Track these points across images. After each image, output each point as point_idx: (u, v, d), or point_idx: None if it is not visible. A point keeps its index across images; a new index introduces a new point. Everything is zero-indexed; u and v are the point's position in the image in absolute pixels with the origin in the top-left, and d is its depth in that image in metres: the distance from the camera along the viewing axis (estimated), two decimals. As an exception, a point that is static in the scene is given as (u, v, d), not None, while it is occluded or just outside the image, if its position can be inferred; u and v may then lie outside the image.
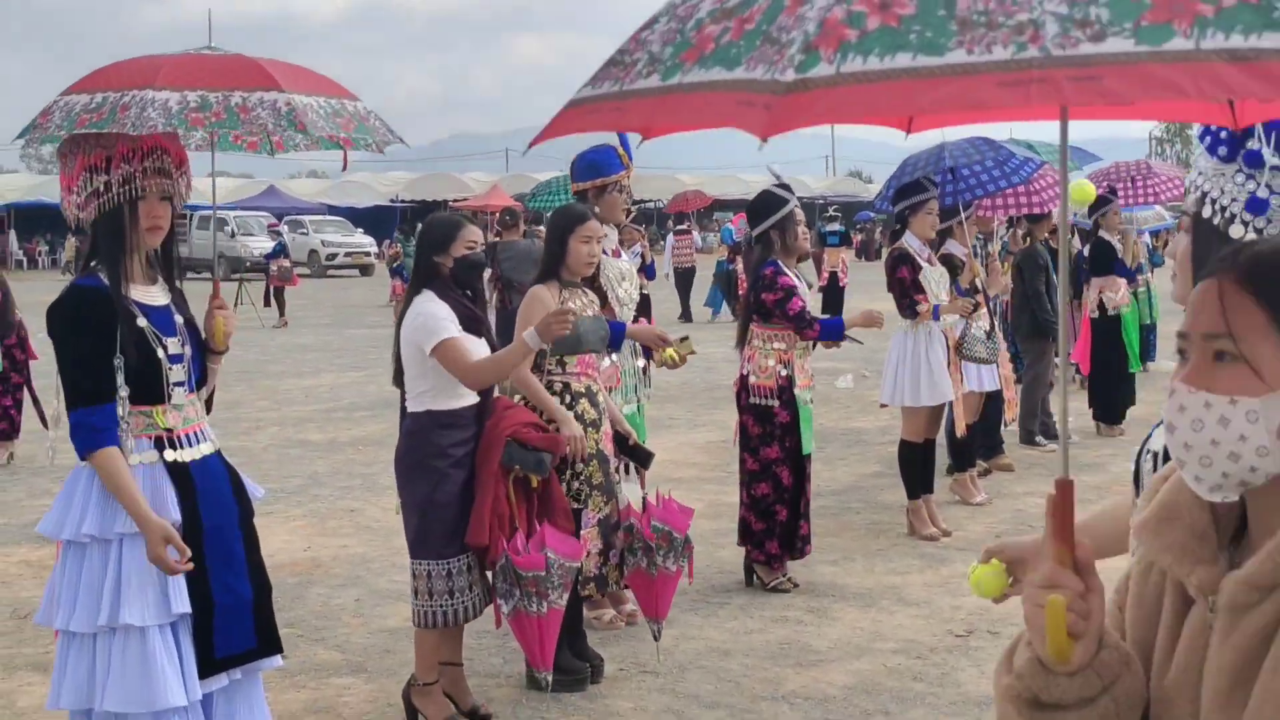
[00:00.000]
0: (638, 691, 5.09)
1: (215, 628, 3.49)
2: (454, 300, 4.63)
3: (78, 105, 3.50)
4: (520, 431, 4.65)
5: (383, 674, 5.32)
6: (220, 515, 3.58)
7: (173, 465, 3.51)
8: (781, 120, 1.22)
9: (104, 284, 3.46)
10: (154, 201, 3.51)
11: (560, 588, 4.57)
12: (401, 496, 4.73)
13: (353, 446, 10.68)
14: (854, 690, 5.06)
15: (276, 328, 22.01)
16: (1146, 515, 1.58)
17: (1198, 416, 1.43)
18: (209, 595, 3.49)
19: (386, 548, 7.25)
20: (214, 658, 3.50)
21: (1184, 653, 1.49)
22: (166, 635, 3.43)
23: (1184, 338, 1.49)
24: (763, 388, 6.43)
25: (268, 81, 3.58)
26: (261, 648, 3.63)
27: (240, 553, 3.61)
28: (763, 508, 6.43)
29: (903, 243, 7.58)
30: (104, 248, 3.49)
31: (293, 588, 6.56)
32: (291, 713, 4.86)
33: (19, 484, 9.29)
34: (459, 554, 4.58)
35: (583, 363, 5.19)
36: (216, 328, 3.73)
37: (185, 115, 3.42)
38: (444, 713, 4.68)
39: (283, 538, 7.62)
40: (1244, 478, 1.43)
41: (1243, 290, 1.44)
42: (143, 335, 3.46)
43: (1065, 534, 1.52)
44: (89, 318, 3.42)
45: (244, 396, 13.79)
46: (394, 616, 6.04)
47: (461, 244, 4.69)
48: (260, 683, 3.74)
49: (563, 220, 5.28)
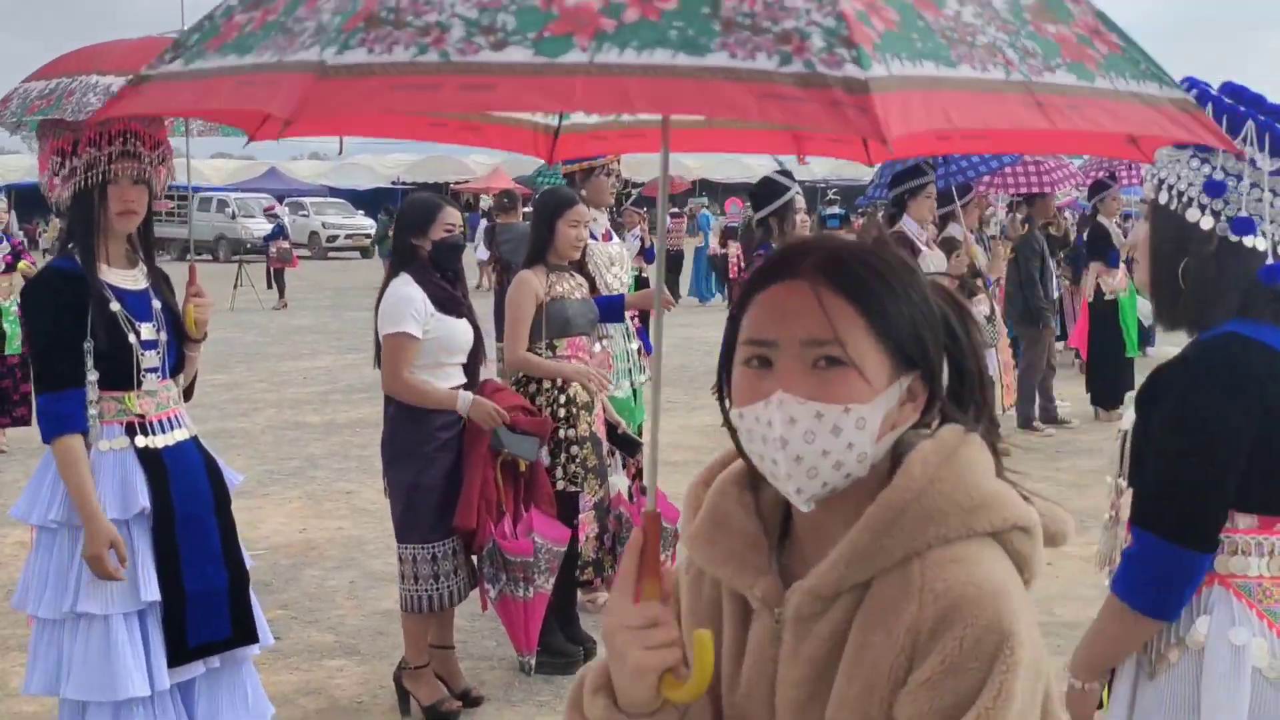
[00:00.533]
0: (630, 674, 5.08)
1: (188, 616, 3.45)
2: (431, 284, 4.60)
3: (33, 92, 3.50)
4: (509, 415, 4.64)
5: (375, 656, 5.32)
6: (194, 502, 3.53)
7: (144, 451, 3.47)
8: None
9: (78, 265, 3.42)
10: (126, 185, 3.44)
11: (547, 572, 4.57)
12: (388, 481, 4.72)
13: (350, 428, 10.67)
14: (846, 674, 5.05)
15: (276, 309, 21.98)
16: (696, 525, 1.49)
17: (810, 429, 1.33)
18: (180, 583, 3.45)
19: (381, 530, 7.24)
20: (187, 646, 3.46)
21: (752, 665, 1.43)
22: (132, 624, 3.40)
23: (768, 345, 1.36)
24: None
25: None
26: (238, 637, 3.59)
27: (215, 540, 3.57)
28: None
29: (901, 226, 7.55)
30: (76, 231, 3.47)
31: (287, 569, 6.56)
32: (283, 694, 4.85)
33: (15, 465, 9.29)
34: (444, 538, 4.58)
35: (573, 345, 5.17)
36: (188, 315, 3.67)
37: None
38: (435, 695, 4.68)
39: (278, 519, 7.62)
40: (837, 484, 1.36)
41: (836, 293, 1.35)
42: (114, 319, 3.42)
43: (655, 568, 1.41)
44: (60, 300, 3.38)
45: (242, 378, 13.78)
46: (388, 599, 6.03)
47: (440, 226, 4.66)
48: (246, 670, 3.70)
49: (550, 204, 5.26)
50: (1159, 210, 2.26)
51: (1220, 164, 2.18)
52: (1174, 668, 2.20)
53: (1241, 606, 2.18)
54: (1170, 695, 2.20)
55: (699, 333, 15.97)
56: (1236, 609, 2.18)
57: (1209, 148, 2.17)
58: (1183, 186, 2.21)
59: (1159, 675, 2.21)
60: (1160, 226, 2.25)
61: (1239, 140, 2.16)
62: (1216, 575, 2.20)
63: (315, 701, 4.84)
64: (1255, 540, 2.19)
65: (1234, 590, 2.19)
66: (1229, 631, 2.16)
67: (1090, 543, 2.62)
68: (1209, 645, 2.17)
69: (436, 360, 4.59)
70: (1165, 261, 2.24)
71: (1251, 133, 2.16)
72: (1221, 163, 2.18)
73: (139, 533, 3.44)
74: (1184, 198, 2.20)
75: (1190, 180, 2.20)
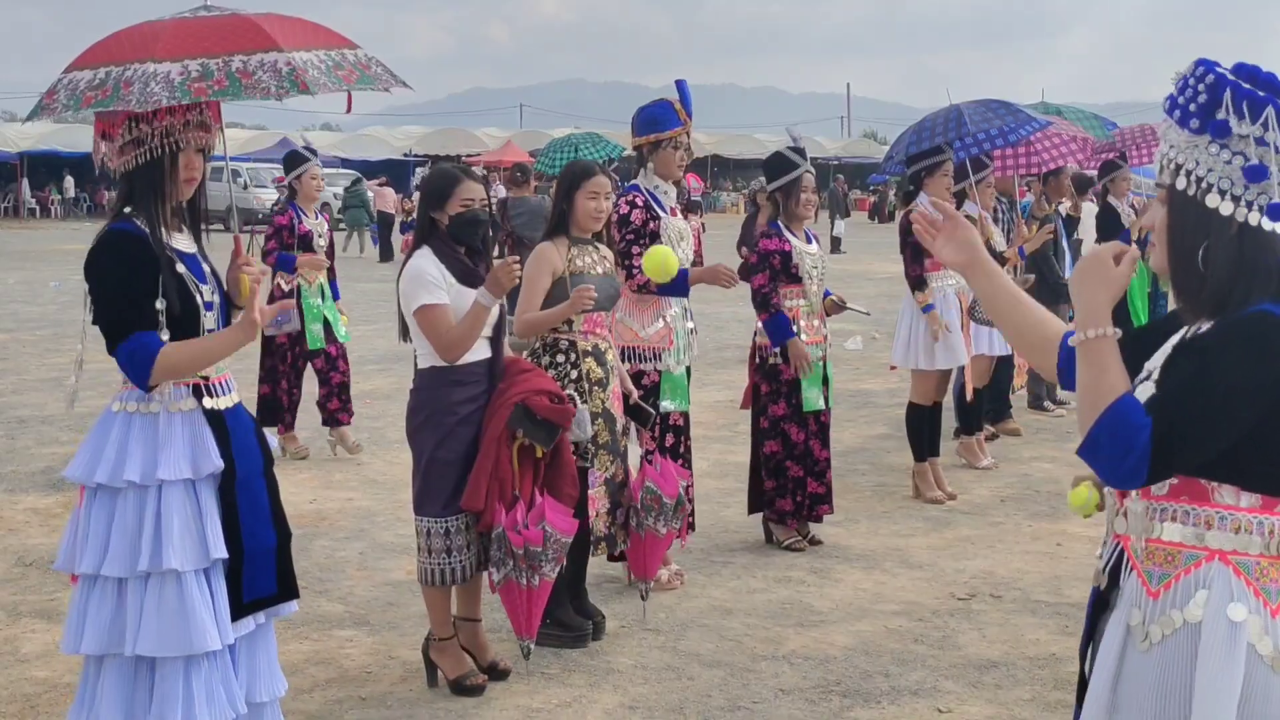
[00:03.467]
0: (638, 649, 5.10)
1: (244, 573, 3.53)
2: (451, 258, 4.59)
3: (81, 82, 3.50)
4: (531, 399, 4.61)
5: (385, 627, 5.34)
6: (250, 463, 3.61)
7: (210, 413, 3.52)
8: None
9: (140, 229, 3.47)
10: (191, 154, 3.54)
11: (553, 561, 4.57)
12: (412, 452, 4.73)
13: (360, 400, 10.67)
14: (854, 651, 5.06)
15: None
16: None
17: None
18: (240, 541, 3.52)
19: (392, 501, 7.27)
20: (243, 602, 3.54)
21: None
22: (202, 580, 3.45)
23: None
24: (767, 345, 6.44)
25: (266, 42, 3.55)
26: (282, 593, 3.67)
27: (265, 500, 3.64)
28: (772, 465, 6.45)
29: (918, 204, 7.52)
30: (143, 196, 3.50)
31: (298, 540, 6.48)
32: (294, 664, 4.88)
33: (28, 432, 9.32)
34: (458, 513, 4.58)
35: (590, 321, 5.15)
36: (243, 283, 3.71)
37: (188, 86, 3.40)
38: (461, 668, 4.69)
39: (289, 490, 7.56)
40: None
41: None
42: (183, 280, 3.49)
43: None
44: (132, 260, 3.42)
45: (253, 348, 13.78)
46: (397, 570, 6.06)
47: (457, 201, 4.64)
48: (272, 629, 3.77)
49: (569, 176, 5.25)
50: (1177, 195, 2.24)
51: (1243, 149, 2.16)
52: (1169, 641, 2.20)
53: (1240, 583, 2.19)
54: (1162, 668, 2.20)
55: (709, 307, 15.94)
56: (1235, 585, 2.19)
57: (1227, 131, 2.15)
58: (1202, 172, 2.19)
59: (1153, 647, 2.22)
60: (1179, 211, 2.24)
61: (1258, 125, 2.14)
62: (1217, 551, 2.20)
63: (325, 671, 4.87)
64: (1257, 520, 2.20)
65: (1234, 567, 2.20)
66: (1227, 607, 2.17)
67: (1097, 523, 2.61)
68: (1206, 620, 2.17)
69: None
70: (1184, 246, 2.23)
71: (1272, 117, 2.14)
72: (1245, 149, 2.16)
73: (206, 493, 3.50)
74: (1204, 184, 2.19)
75: (1210, 166, 2.19)
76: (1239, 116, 2.15)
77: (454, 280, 4.56)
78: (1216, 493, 2.21)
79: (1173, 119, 2.24)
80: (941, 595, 5.75)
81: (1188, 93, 2.20)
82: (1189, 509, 2.22)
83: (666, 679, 4.80)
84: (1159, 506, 2.25)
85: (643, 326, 5.80)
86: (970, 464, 8.30)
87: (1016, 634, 5.25)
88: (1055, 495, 7.52)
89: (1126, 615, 2.26)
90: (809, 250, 6.52)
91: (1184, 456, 2.15)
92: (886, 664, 4.94)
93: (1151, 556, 2.25)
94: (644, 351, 5.79)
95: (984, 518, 7.08)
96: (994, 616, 5.46)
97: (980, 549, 6.48)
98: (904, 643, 5.16)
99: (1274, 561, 2.20)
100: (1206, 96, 2.17)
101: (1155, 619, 2.22)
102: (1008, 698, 4.63)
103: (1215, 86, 2.16)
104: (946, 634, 5.27)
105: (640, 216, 5.80)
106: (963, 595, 5.75)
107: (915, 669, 4.89)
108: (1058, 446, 8.80)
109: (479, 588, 4.83)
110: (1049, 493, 7.62)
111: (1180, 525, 2.23)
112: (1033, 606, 5.59)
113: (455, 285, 4.57)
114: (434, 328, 4.52)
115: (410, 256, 4.67)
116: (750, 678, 4.81)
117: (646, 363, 5.79)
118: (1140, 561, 2.27)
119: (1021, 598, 5.72)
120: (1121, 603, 2.30)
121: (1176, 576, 2.22)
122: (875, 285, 20.01)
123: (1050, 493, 7.61)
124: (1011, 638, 5.21)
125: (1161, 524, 2.24)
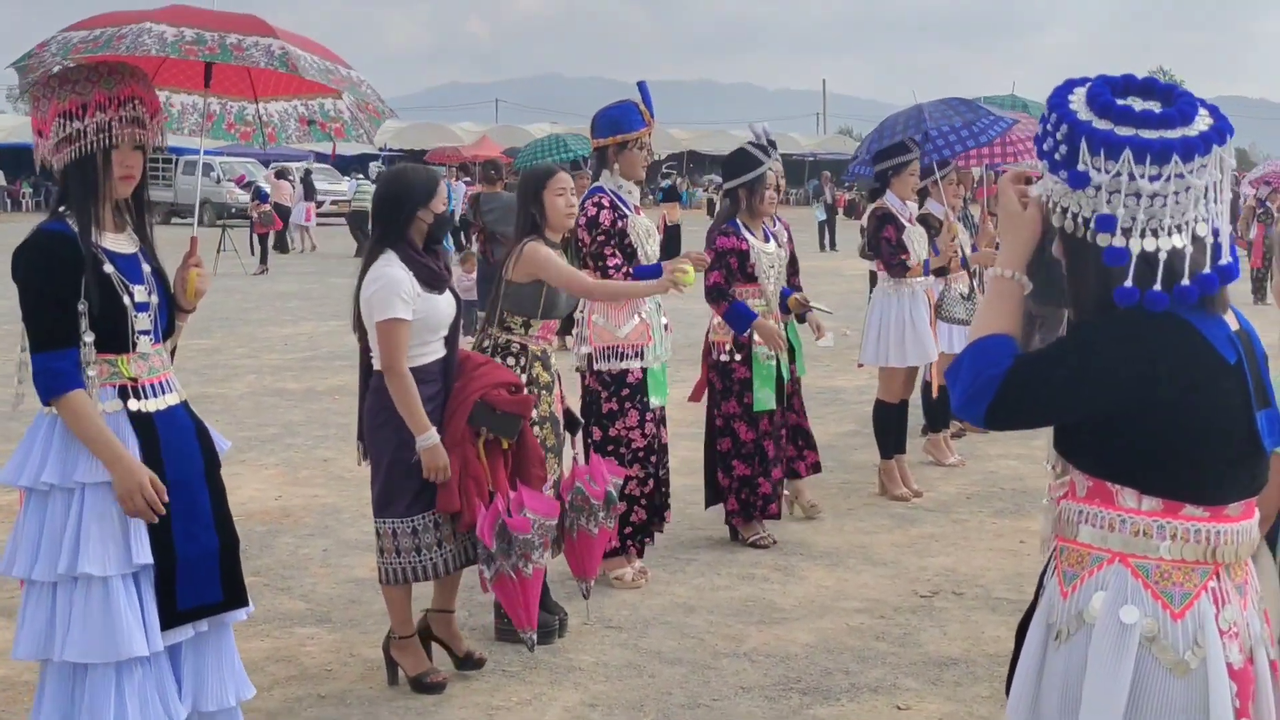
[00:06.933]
0: (600, 646, 5.10)
1: (179, 579, 3.46)
2: (417, 264, 4.55)
3: (75, 38, 3.49)
4: (489, 394, 4.60)
5: (346, 624, 5.32)
6: (185, 467, 3.54)
7: (136, 415, 3.47)
8: None
9: (70, 229, 3.42)
10: (127, 150, 3.48)
11: (540, 547, 4.57)
12: (369, 454, 4.70)
13: (329, 395, 10.66)
14: (815, 648, 5.07)
15: (256, 275, 21.90)
16: None
17: None
18: (172, 547, 3.46)
19: (357, 498, 7.24)
20: (177, 609, 3.47)
21: None
22: (129, 585, 3.40)
23: None
24: (721, 343, 6.43)
25: (266, 30, 3.61)
26: (228, 600, 3.60)
27: (206, 504, 3.57)
28: (725, 463, 6.45)
29: (884, 202, 7.54)
30: (75, 194, 3.45)
31: (261, 536, 6.56)
32: (253, 661, 4.85)
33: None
34: (424, 511, 4.56)
35: (545, 327, 5.18)
36: (190, 283, 3.68)
37: (180, 46, 3.42)
38: (421, 666, 4.68)
39: (255, 486, 7.62)
40: None
41: None
42: (108, 281, 3.42)
43: None
44: (54, 261, 3.38)
45: (223, 343, 13.75)
46: (361, 567, 6.04)
47: (441, 199, 4.64)
48: (230, 635, 3.71)
49: (532, 180, 5.24)
50: (1064, 234, 2.31)
51: (1104, 193, 2.21)
52: (1072, 638, 2.27)
53: (1136, 585, 2.23)
54: (1066, 665, 2.27)
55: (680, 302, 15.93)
56: (1130, 588, 2.23)
57: (1087, 180, 2.20)
58: (1087, 214, 2.23)
59: (1061, 644, 2.29)
60: (1072, 251, 2.31)
61: (1117, 166, 2.15)
62: (1118, 554, 2.25)
63: (285, 669, 4.85)
64: (1159, 523, 2.24)
65: (1132, 569, 2.24)
66: (1120, 609, 2.21)
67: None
68: (1099, 621, 2.23)
69: (421, 339, 4.56)
70: (1082, 281, 2.29)
71: (1129, 159, 2.15)
72: (1106, 193, 2.21)
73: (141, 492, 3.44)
74: (1090, 225, 2.24)
75: (1094, 207, 2.23)
76: (1099, 164, 2.18)
77: (419, 289, 4.52)
78: (1119, 496, 2.25)
79: (1045, 166, 2.28)
80: (904, 593, 5.77)
81: (1049, 142, 2.25)
82: (1098, 512, 2.28)
83: (627, 676, 4.80)
84: (1078, 509, 2.31)
85: (619, 326, 5.79)
86: (937, 461, 8.33)
87: (977, 631, 5.28)
88: (1020, 493, 7.55)
89: (1046, 614, 2.33)
90: (767, 249, 6.49)
91: (1025, 407, 2.24)
92: (847, 661, 4.95)
93: (1068, 558, 2.32)
94: (625, 350, 5.79)
95: (948, 515, 7.10)
96: (955, 614, 5.48)
97: (944, 546, 6.50)
98: (865, 640, 5.18)
99: (1177, 565, 2.23)
100: (1066, 148, 2.21)
101: (1065, 618, 2.29)
102: (967, 694, 4.65)
103: (1071, 135, 2.20)
104: (908, 631, 5.28)
105: (609, 217, 5.80)
106: (925, 593, 5.77)
107: (875, 666, 4.90)
108: (1024, 444, 8.83)
109: (456, 581, 4.82)
110: (1014, 490, 7.65)
111: (1091, 528, 2.29)
112: (994, 604, 5.62)
113: (421, 294, 4.52)
114: (393, 343, 4.47)
115: (376, 259, 4.59)
116: (710, 675, 4.81)
117: (630, 361, 5.79)
118: (1062, 563, 2.33)
119: (983, 595, 5.74)
120: (1043, 602, 2.37)
121: (1083, 578, 2.29)
122: (847, 282, 20.04)
123: (1015, 490, 7.64)
124: (972, 635, 5.23)
125: (1079, 526, 2.30)
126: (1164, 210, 2.16)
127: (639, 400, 5.78)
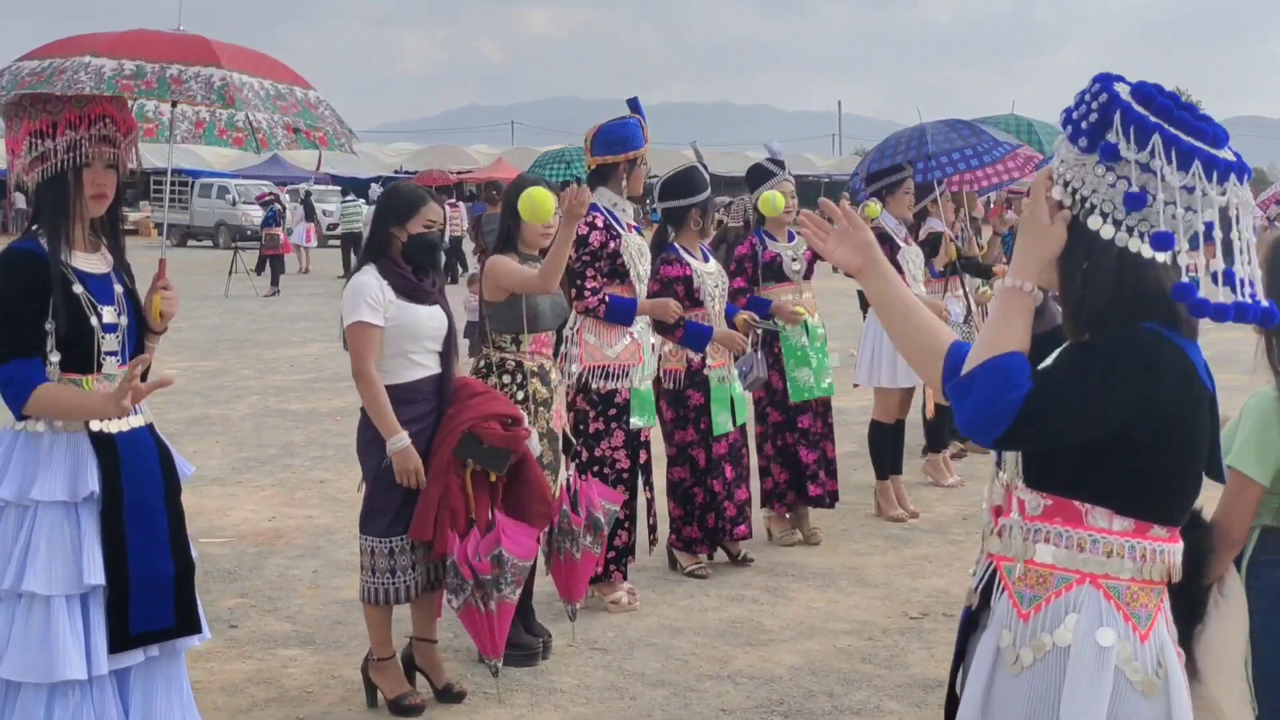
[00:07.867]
0: (583, 668, 5.06)
1: (132, 602, 3.43)
2: (395, 274, 4.56)
3: (25, 69, 3.50)
4: (479, 426, 4.56)
5: (330, 646, 5.30)
6: (144, 490, 3.52)
7: (98, 435, 3.46)
8: None
9: (41, 248, 3.43)
10: (99, 169, 3.49)
11: (512, 584, 4.53)
12: (362, 469, 4.70)
13: (331, 417, 10.66)
14: (800, 670, 5.03)
15: (267, 297, 21.96)
16: None
17: None
18: (126, 569, 3.43)
19: (350, 519, 7.16)
20: (129, 633, 3.44)
21: None
22: (74, 607, 3.37)
23: None
24: (671, 371, 6.33)
25: (210, 59, 3.58)
26: (180, 626, 3.57)
27: (164, 528, 3.55)
28: (680, 492, 6.36)
29: (879, 222, 7.51)
30: (46, 213, 3.46)
31: (252, 558, 6.54)
32: (234, 683, 4.84)
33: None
34: (401, 533, 4.54)
35: (537, 341, 5.15)
36: (155, 306, 3.67)
37: (116, 81, 3.40)
38: (400, 688, 4.65)
39: (249, 507, 7.61)
40: None
41: None
42: (76, 301, 3.42)
43: None
44: (21, 279, 3.38)
45: (229, 364, 13.77)
46: (349, 588, 6.01)
47: (421, 220, 4.62)
48: (182, 662, 3.68)
49: (514, 193, 5.23)
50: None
51: (1129, 175, 2.13)
52: (1039, 663, 2.19)
53: (1109, 607, 2.18)
54: (1031, 691, 2.19)
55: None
56: (1104, 609, 2.17)
57: (1115, 154, 2.12)
58: (1086, 192, 2.16)
59: (1023, 670, 2.20)
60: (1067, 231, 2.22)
61: (1145, 153, 2.10)
62: (1088, 575, 2.19)
63: (264, 691, 4.82)
64: (1129, 544, 2.19)
65: (1104, 591, 2.18)
66: (1097, 631, 2.16)
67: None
68: (1075, 644, 2.16)
69: (400, 349, 4.55)
70: (1067, 265, 2.21)
71: (1159, 145, 2.10)
72: (1134, 175, 2.13)
73: (86, 517, 3.43)
74: (1087, 204, 2.17)
75: (1094, 187, 2.16)
76: (1127, 141, 2.11)
77: (394, 296, 4.53)
78: (1089, 515, 2.19)
79: (1065, 134, 2.22)
80: (894, 614, 5.72)
81: (1081, 109, 2.17)
82: (1062, 531, 2.21)
83: (609, 699, 4.76)
84: (1033, 527, 2.24)
85: (610, 345, 5.76)
86: (936, 482, 8.28)
87: (965, 653, 5.22)
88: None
89: (997, 636, 2.25)
90: (708, 269, 6.33)
91: (1044, 431, 2.13)
92: (832, 684, 4.90)
93: (1024, 578, 2.24)
94: (614, 370, 5.76)
95: (944, 535, 7.04)
96: (944, 635, 5.42)
97: (938, 567, 6.44)
98: (851, 662, 5.13)
99: (1144, 586, 2.19)
100: (1098, 116, 2.14)
101: (1026, 641, 2.21)
102: (950, 718, 4.59)
103: (1107, 107, 2.13)
104: (895, 653, 5.23)
105: (599, 238, 5.74)
106: (915, 614, 5.72)
107: (860, 688, 4.86)
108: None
109: (433, 609, 4.78)
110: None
111: (1053, 547, 2.21)
112: (984, 626, 5.56)
113: (396, 301, 4.53)
114: (359, 346, 4.49)
115: (357, 273, 4.64)
116: (693, 697, 4.77)
117: (619, 381, 5.75)
118: (1012, 583, 2.25)
119: (974, 617, 5.68)
120: (992, 624, 2.28)
121: (1048, 599, 2.21)
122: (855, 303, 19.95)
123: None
124: (960, 657, 5.18)
125: (1035, 545, 2.23)
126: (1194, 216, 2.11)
127: (625, 421, 5.75)
